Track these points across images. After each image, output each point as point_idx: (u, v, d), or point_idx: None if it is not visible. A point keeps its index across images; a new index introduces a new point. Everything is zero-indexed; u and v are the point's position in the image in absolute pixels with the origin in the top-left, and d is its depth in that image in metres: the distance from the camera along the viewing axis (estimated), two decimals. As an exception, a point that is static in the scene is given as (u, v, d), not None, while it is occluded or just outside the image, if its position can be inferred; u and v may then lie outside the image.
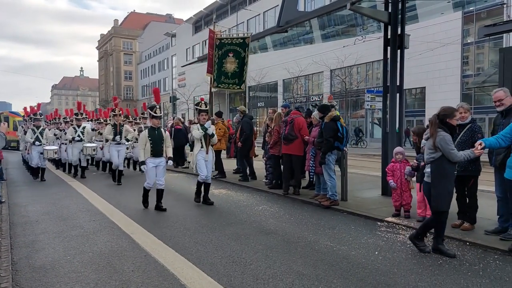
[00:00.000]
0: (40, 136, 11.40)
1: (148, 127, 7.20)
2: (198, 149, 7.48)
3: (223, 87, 8.99)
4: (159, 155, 7.09)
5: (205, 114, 7.47)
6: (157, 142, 7.04)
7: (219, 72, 8.71)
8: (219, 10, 48.95)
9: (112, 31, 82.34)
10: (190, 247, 5.00)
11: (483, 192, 6.71)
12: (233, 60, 8.51)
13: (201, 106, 7.50)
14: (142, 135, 7.14)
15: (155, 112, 7.08)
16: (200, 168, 7.45)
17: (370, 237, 5.41)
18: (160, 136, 7.11)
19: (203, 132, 7.35)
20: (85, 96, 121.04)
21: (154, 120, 7.13)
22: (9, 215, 6.76)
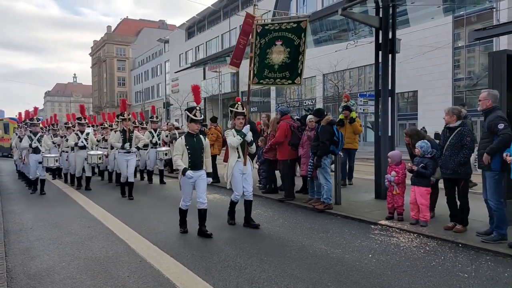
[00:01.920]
0: (37, 143, 9.98)
1: (185, 133, 5.88)
2: (234, 161, 6.16)
3: (268, 83, 7.15)
4: (198, 167, 5.72)
5: (242, 118, 6.22)
6: (196, 152, 5.70)
7: (262, 64, 6.97)
8: (212, 16, 49.10)
9: (105, 37, 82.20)
10: (185, 252, 5.02)
11: (475, 194, 6.79)
12: (282, 50, 6.79)
13: (237, 108, 6.22)
14: (178, 143, 5.76)
15: (194, 115, 5.66)
16: (236, 184, 6.17)
17: (364, 240, 5.45)
18: (199, 145, 5.74)
19: (241, 139, 6.08)
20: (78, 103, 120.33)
21: (193, 125, 5.72)
22: (3, 223, 6.72)
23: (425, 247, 5.11)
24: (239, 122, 6.21)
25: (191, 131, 5.75)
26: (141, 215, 7.36)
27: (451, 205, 5.68)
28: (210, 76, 43.84)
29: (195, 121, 5.70)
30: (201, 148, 5.76)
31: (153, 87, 67.60)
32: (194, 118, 5.67)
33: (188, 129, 5.81)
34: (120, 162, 9.29)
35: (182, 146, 5.65)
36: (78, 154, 10.59)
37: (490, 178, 5.04)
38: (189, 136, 5.74)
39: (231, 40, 42.72)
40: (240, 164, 6.19)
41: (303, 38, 6.76)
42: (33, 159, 9.86)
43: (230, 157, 6.24)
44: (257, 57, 7.02)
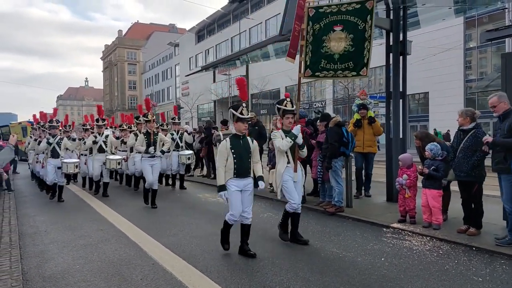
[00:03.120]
0: (57, 147, 9.37)
1: (230, 135, 5.02)
2: (283, 166, 5.36)
3: (326, 76, 6.11)
4: (245, 174, 4.90)
5: (291, 117, 5.39)
6: (243, 156, 4.86)
7: (317, 54, 5.96)
8: (221, 19, 49.35)
9: (117, 41, 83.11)
10: (197, 255, 5.05)
11: (488, 197, 6.72)
12: (343, 36, 5.76)
13: (285, 105, 5.37)
14: (222, 146, 4.92)
15: (241, 112, 4.85)
16: (290, 192, 5.36)
17: (376, 244, 5.43)
18: (246, 148, 4.91)
19: (291, 142, 5.22)
20: (90, 106, 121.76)
21: (239, 125, 4.87)
22: (18, 226, 6.83)
23: (438, 250, 5.07)
24: (288, 121, 5.36)
25: (237, 131, 4.91)
26: (153, 217, 7.42)
27: (466, 208, 5.62)
28: (220, 79, 44.03)
29: (242, 120, 4.86)
30: (249, 152, 4.93)
31: (164, 90, 68.09)
32: (240, 117, 4.83)
33: (234, 129, 4.96)
34: (144, 167, 8.46)
35: (226, 149, 4.81)
36: (96, 158, 10.02)
37: (506, 181, 4.97)
38: (235, 138, 4.90)
39: (241, 43, 42.87)
40: (290, 170, 5.36)
41: (369, 21, 5.71)
42: (51, 164, 9.30)
43: (278, 162, 5.43)
44: (309, 46, 6.00)
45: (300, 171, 5.52)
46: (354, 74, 5.98)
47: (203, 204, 8.76)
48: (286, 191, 5.37)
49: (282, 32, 11.58)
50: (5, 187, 11.17)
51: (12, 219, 7.35)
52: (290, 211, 5.45)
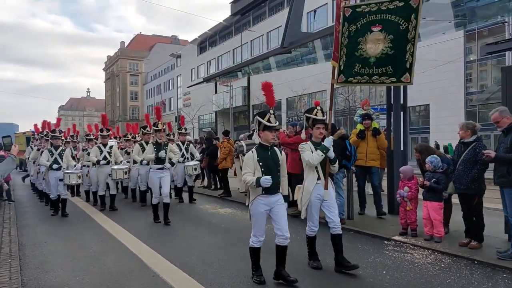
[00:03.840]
0: (59, 158, 8.89)
1: (256, 145, 4.47)
2: (312, 183, 4.74)
3: (360, 82, 5.49)
4: (275, 190, 4.33)
5: (322, 127, 4.81)
6: (271, 169, 4.29)
7: (351, 58, 5.37)
8: (223, 31, 49.76)
9: (119, 52, 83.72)
10: (197, 267, 5.02)
11: (489, 210, 6.69)
12: (382, 37, 5.17)
13: (316, 114, 4.82)
14: (248, 158, 4.37)
15: (268, 120, 4.33)
16: (312, 214, 4.84)
17: (377, 256, 5.40)
18: (275, 160, 4.38)
19: (322, 155, 4.64)
20: (91, 117, 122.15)
21: (267, 134, 4.34)
22: (18, 236, 6.81)
23: (440, 263, 5.04)
24: (319, 132, 4.79)
25: (264, 142, 4.36)
26: (153, 229, 7.40)
27: (467, 221, 5.61)
28: (221, 90, 44.24)
29: (270, 129, 4.33)
30: (277, 165, 4.38)
31: (165, 101, 68.33)
32: (268, 125, 4.30)
33: (261, 139, 4.40)
34: (152, 180, 7.94)
35: (253, 162, 4.26)
36: (101, 170, 9.46)
37: (509, 195, 4.96)
38: (262, 149, 4.37)
39: (243, 55, 43.14)
40: (320, 188, 4.76)
41: (413, 20, 5.04)
42: (53, 176, 8.83)
43: (307, 178, 4.81)
44: (344, 49, 5.41)
45: (332, 188, 4.93)
46: (393, 80, 5.31)
47: (203, 216, 8.74)
48: (309, 211, 4.81)
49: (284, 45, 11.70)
50: (5, 198, 11.16)
51: (12, 229, 7.33)
52: (310, 236, 4.97)
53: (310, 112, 4.91)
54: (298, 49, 12.06)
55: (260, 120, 4.37)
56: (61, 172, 8.83)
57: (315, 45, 11.57)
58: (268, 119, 4.32)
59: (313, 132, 4.88)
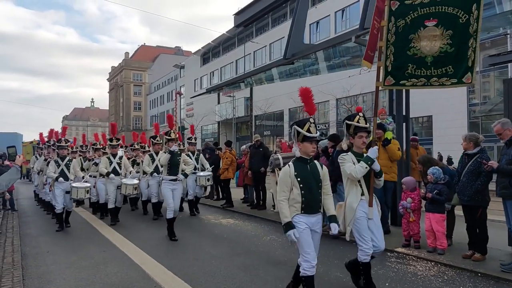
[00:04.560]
0: (65, 169, 8.43)
1: (293, 159, 3.93)
2: (356, 199, 4.23)
3: (414, 84, 4.86)
4: (315, 209, 3.84)
5: (365, 136, 4.29)
6: (312, 186, 3.79)
7: (401, 57, 4.76)
8: (227, 43, 50.17)
9: (123, 63, 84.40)
10: (199, 278, 5.01)
11: (493, 222, 6.67)
12: (438, 33, 4.52)
13: (358, 121, 4.27)
14: (284, 174, 3.82)
15: (308, 130, 3.78)
16: (362, 234, 4.21)
17: (380, 268, 5.37)
18: (315, 175, 3.85)
19: (367, 168, 4.15)
20: (95, 127, 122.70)
21: (306, 146, 3.80)
22: (21, 246, 6.82)
23: (443, 276, 5.01)
24: (362, 141, 4.28)
25: (303, 154, 3.82)
26: (155, 239, 7.39)
27: (471, 233, 5.59)
28: (224, 101, 44.44)
29: (310, 140, 3.78)
30: (318, 181, 3.84)
31: (168, 111, 68.56)
32: (308, 135, 3.76)
33: (299, 151, 3.85)
34: (165, 192, 7.43)
35: (290, 178, 3.74)
36: (110, 181, 8.94)
37: (511, 206, 4.96)
38: (300, 163, 3.83)
39: (246, 66, 43.42)
40: (365, 204, 4.25)
41: (475, 11, 4.47)
42: (59, 188, 8.31)
43: (349, 194, 4.29)
44: (391, 47, 4.79)
45: (376, 205, 4.39)
46: (454, 81, 4.73)
47: (206, 226, 8.73)
48: (358, 231, 4.21)
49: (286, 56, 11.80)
50: (8, 207, 11.20)
51: (15, 239, 7.35)
52: (364, 261, 4.25)
53: (352, 119, 4.33)
54: (300, 60, 12.15)
55: (298, 129, 3.81)
56: (68, 183, 8.32)
57: (317, 56, 11.65)
58: (308, 129, 3.77)
59: (355, 142, 4.34)
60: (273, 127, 41.60)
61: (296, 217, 3.77)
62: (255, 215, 9.74)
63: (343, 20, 33.36)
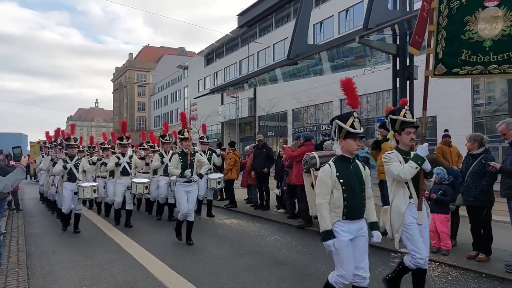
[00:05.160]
0: (74, 169, 8.14)
1: (333, 158, 3.48)
2: (404, 203, 3.79)
3: (469, 73, 4.24)
4: (359, 214, 3.39)
5: (413, 132, 3.87)
6: (355, 189, 3.36)
7: (455, 43, 4.15)
8: (230, 43, 50.22)
9: (127, 64, 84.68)
10: (203, 278, 5.02)
11: (498, 222, 6.63)
12: (500, 14, 3.98)
13: (405, 115, 3.86)
14: (323, 175, 3.37)
15: (352, 125, 3.35)
16: (414, 240, 3.79)
17: (384, 269, 5.35)
18: (358, 177, 3.42)
19: (417, 167, 3.68)
20: (99, 127, 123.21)
21: (350, 143, 3.37)
22: (26, 246, 6.85)
23: (447, 276, 4.99)
24: (409, 138, 3.84)
25: (346, 153, 3.39)
26: (160, 240, 7.41)
27: (475, 233, 5.57)
28: (227, 101, 44.47)
29: (354, 136, 3.35)
30: (361, 183, 3.42)
31: (172, 112, 68.79)
32: (352, 131, 3.33)
33: (341, 149, 3.41)
34: (178, 194, 6.98)
35: (331, 179, 3.32)
36: (119, 182, 8.56)
37: None
38: (343, 162, 3.40)
39: (249, 67, 43.45)
40: (413, 209, 3.79)
41: None
42: (67, 189, 8.01)
43: (395, 197, 3.85)
44: (443, 32, 4.19)
45: (425, 209, 3.92)
46: None
47: (209, 227, 8.74)
48: (408, 238, 3.81)
49: (290, 57, 11.80)
50: (13, 207, 11.26)
51: (20, 239, 7.39)
52: (411, 267, 3.90)
53: (397, 113, 3.89)
54: (304, 60, 12.15)
55: (341, 125, 3.38)
56: (75, 184, 8.03)
57: (321, 56, 11.66)
58: (351, 124, 3.35)
59: (402, 138, 3.88)
60: (276, 127, 41.61)
61: (337, 224, 3.32)
62: (259, 216, 9.75)
63: (346, 20, 33.32)
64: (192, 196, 7.03)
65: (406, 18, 7.83)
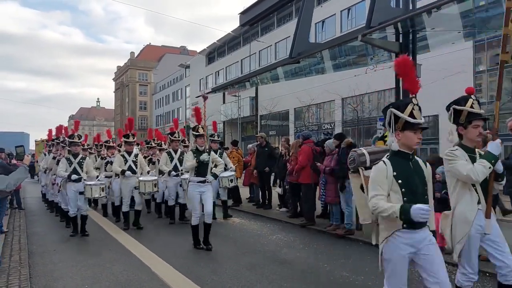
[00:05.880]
0: (78, 167, 7.59)
1: (388, 154, 2.96)
2: (472, 209, 3.25)
3: None
4: (421, 223, 2.75)
5: (482, 125, 3.38)
6: (417, 191, 2.81)
7: None
8: (232, 42, 50.17)
9: (129, 63, 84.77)
10: (205, 276, 5.01)
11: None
12: None
13: (472, 105, 3.40)
14: (378, 173, 2.85)
15: (411, 114, 2.80)
16: (471, 254, 3.35)
17: (387, 267, 5.34)
18: (420, 176, 2.88)
19: (490, 168, 3.14)
20: (101, 126, 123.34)
21: (409, 135, 2.82)
22: (28, 244, 6.85)
23: (451, 275, 4.93)
24: (477, 132, 3.30)
25: (404, 148, 2.84)
26: (162, 239, 7.41)
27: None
28: (229, 100, 44.45)
29: (415, 128, 2.79)
30: (424, 183, 2.87)
31: (174, 111, 68.85)
32: (412, 122, 2.78)
33: (397, 143, 2.84)
34: (192, 195, 6.46)
35: (387, 178, 2.79)
36: (126, 182, 8.09)
37: None
38: (400, 158, 2.85)
39: (251, 65, 43.43)
40: (481, 216, 3.24)
41: None
42: (72, 189, 7.49)
43: (460, 201, 3.31)
44: None
45: (494, 216, 3.36)
46: None
47: (212, 225, 8.69)
48: (465, 252, 3.35)
49: (292, 55, 11.77)
50: (15, 206, 11.28)
51: (22, 237, 7.39)
52: (465, 286, 3.45)
53: (462, 103, 3.31)
54: (306, 59, 12.11)
55: (397, 114, 2.81)
56: (81, 184, 7.53)
57: (323, 55, 11.62)
58: (410, 113, 2.78)
59: (468, 133, 3.30)
60: (278, 126, 41.57)
61: (396, 235, 2.76)
62: (261, 215, 9.73)
63: (348, 19, 33.25)
64: (207, 197, 6.52)
65: (409, 16, 7.78)
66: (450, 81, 24.86)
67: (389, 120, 2.88)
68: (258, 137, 10.88)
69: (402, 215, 2.60)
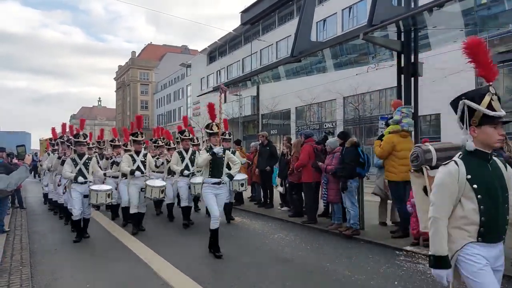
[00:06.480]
0: (84, 168, 7.21)
1: (460, 154, 2.46)
2: None
3: None
4: (499, 235, 2.38)
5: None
6: (497, 199, 2.33)
7: None
8: (233, 41, 50.15)
9: (130, 62, 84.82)
10: (207, 276, 5.00)
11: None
12: None
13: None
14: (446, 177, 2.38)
15: (489, 106, 2.32)
16: None
17: (389, 267, 5.33)
18: (501, 180, 2.39)
19: None
20: (102, 125, 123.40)
21: (488, 131, 2.35)
22: (29, 244, 6.85)
23: (453, 275, 4.94)
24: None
25: (482, 146, 2.38)
26: (163, 238, 7.40)
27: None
28: (230, 100, 44.41)
29: (493, 121, 2.34)
30: (505, 189, 2.39)
31: (175, 110, 68.89)
32: (491, 115, 2.32)
33: (474, 140, 2.39)
34: (207, 197, 6.09)
35: (459, 183, 2.34)
36: (133, 182, 7.70)
37: None
38: (476, 158, 2.39)
39: (252, 64, 43.42)
40: None
41: None
42: (77, 191, 7.08)
43: None
44: None
45: None
46: None
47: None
48: None
49: (293, 54, 11.73)
50: (17, 205, 11.28)
51: (24, 237, 7.40)
52: None
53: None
54: (307, 58, 12.08)
55: (472, 106, 2.37)
56: (86, 186, 7.16)
57: (324, 54, 11.58)
58: (489, 104, 2.32)
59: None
60: (280, 125, 41.53)
61: (469, 246, 2.33)
62: (262, 214, 9.73)
63: (350, 17, 33.19)
64: (220, 201, 6.21)
65: (410, 14, 7.75)
66: (452, 79, 24.83)
67: (462, 114, 2.44)
68: (260, 135, 10.87)
69: (431, 263, 2.38)
